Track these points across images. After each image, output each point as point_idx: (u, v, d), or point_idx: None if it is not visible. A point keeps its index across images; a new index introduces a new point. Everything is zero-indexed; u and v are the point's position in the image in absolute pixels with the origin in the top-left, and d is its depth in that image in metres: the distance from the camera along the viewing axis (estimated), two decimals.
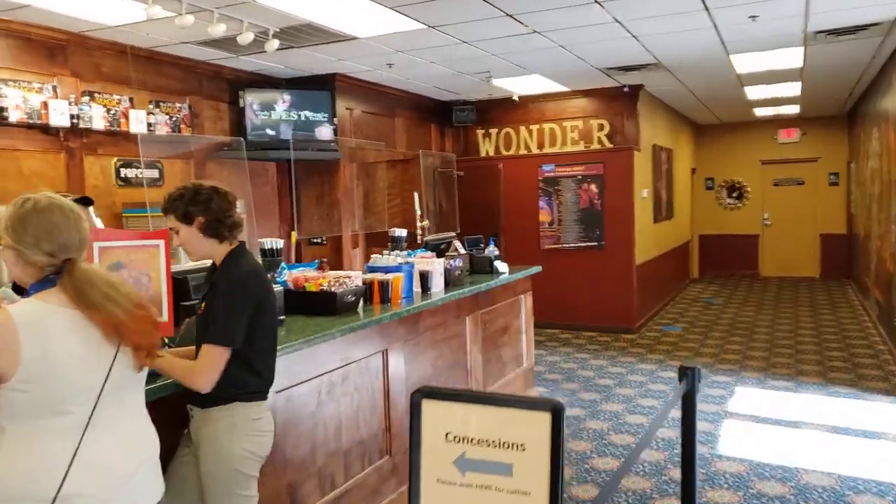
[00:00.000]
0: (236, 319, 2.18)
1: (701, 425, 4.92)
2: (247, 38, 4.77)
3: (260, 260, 3.78)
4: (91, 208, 3.51)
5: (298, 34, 5.30)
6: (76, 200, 3.23)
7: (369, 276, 3.85)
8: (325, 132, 6.92)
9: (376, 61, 6.47)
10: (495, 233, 8.67)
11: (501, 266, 5.23)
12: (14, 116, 4.58)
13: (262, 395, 2.32)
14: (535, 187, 8.70)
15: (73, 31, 5.01)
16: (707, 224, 13.47)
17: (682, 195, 11.74)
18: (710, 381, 6.05)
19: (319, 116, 6.89)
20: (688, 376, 2.77)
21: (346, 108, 7.23)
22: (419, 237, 6.71)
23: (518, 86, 7.93)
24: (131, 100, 5.50)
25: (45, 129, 4.86)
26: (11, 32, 4.69)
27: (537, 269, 5.63)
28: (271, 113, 6.67)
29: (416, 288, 4.23)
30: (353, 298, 3.57)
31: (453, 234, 5.54)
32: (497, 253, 5.36)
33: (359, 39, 5.57)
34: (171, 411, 2.32)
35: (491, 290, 4.88)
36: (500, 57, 6.44)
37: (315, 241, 7.18)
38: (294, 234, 7.14)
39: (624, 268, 8.33)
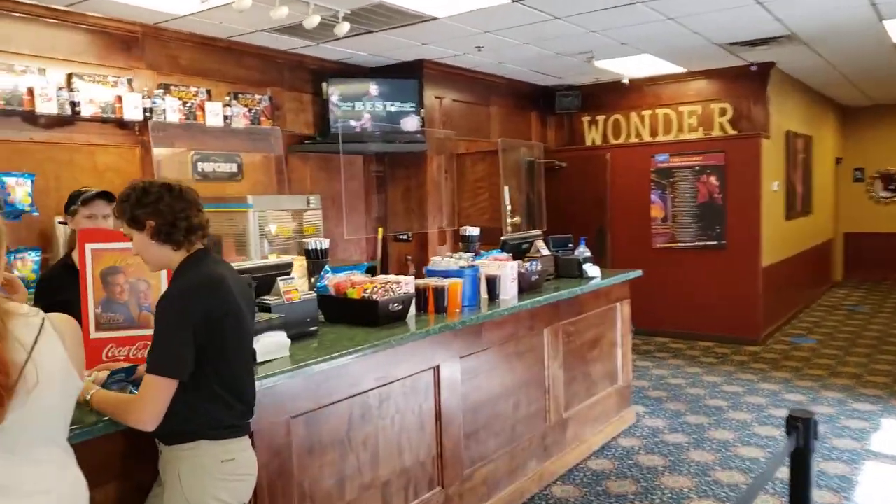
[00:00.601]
0: (175, 343, 1.81)
1: (834, 466, 4.07)
2: (312, 21, 4.45)
3: (304, 261, 3.44)
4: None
5: (372, 16, 4.92)
6: (97, 195, 3.02)
7: (422, 281, 3.40)
8: (411, 123, 6.54)
9: (464, 45, 5.99)
10: (600, 229, 7.96)
11: (592, 270, 4.60)
12: (88, 111, 4.53)
13: (234, 430, 1.93)
14: (646, 179, 7.89)
15: (149, 24, 4.92)
16: (854, 221, 11.86)
17: (823, 188, 10.36)
18: (848, 410, 5.09)
19: (406, 106, 6.52)
20: (799, 430, 2.10)
21: (435, 97, 6.82)
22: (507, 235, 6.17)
23: (626, 67, 7.16)
24: (209, 92, 5.37)
25: (120, 124, 4.80)
26: (88, 27, 4.66)
27: (637, 273, 4.93)
28: (356, 104, 6.38)
29: (484, 295, 3.73)
30: (400, 307, 3.13)
31: (538, 232, 4.96)
32: (588, 255, 4.73)
33: (438, 20, 5.11)
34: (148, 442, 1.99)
35: (577, 298, 4.28)
36: (601, 34, 5.75)
37: (401, 237, 6.84)
38: (381, 231, 6.84)
39: (748, 270, 7.35)
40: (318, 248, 3.36)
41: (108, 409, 1.81)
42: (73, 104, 4.41)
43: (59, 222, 3.27)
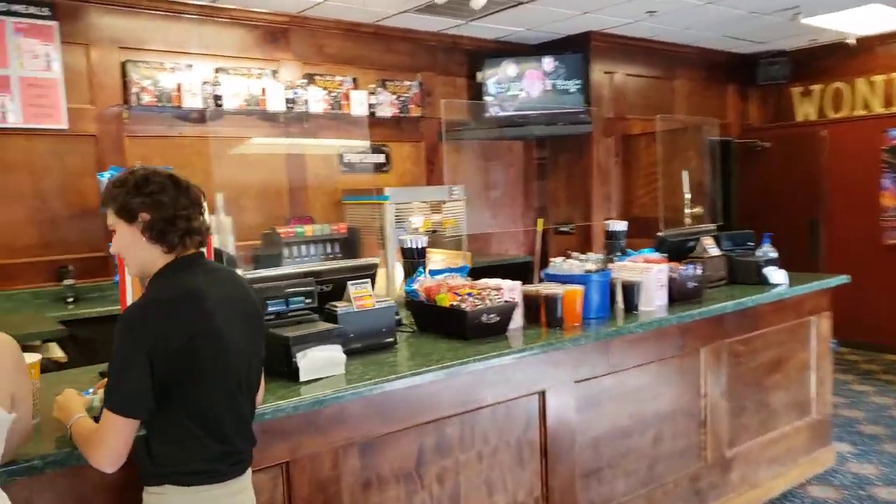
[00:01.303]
0: (128, 374, 1.50)
1: None
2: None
3: (401, 265, 3.08)
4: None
5: None
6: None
7: (532, 288, 2.86)
8: (576, 102, 5.90)
9: (632, 10, 5.23)
10: (812, 223, 6.65)
11: (775, 275, 3.69)
12: (233, 104, 4.59)
13: (210, 475, 1.59)
14: (875, 160, 6.43)
15: (293, 13, 4.88)
16: None
17: None
18: None
19: (570, 85, 5.90)
20: None
21: (605, 73, 6.09)
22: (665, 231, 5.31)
23: (846, 22, 5.82)
24: (355, 80, 5.23)
25: (264, 116, 4.83)
26: (235, 20, 4.72)
27: (840, 279, 3.88)
28: (513, 85, 5.89)
29: (621, 304, 3.09)
30: (497, 319, 2.64)
31: (710, 227, 4.12)
32: (772, 255, 3.81)
33: None
34: None
35: (751, 310, 3.44)
36: None
37: (563, 229, 6.24)
38: (540, 222, 6.30)
39: None
40: (415, 246, 2.97)
41: (79, 442, 1.57)
42: (217, 98, 4.48)
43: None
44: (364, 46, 5.33)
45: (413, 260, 2.94)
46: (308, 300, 2.35)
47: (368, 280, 2.54)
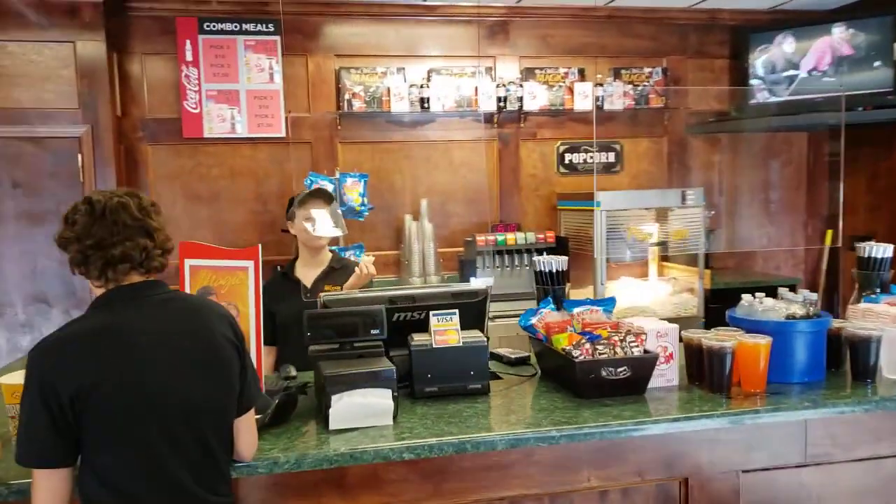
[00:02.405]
0: (27, 419, 1.33)
1: None
2: None
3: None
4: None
5: None
6: (312, 194, 2.76)
7: (693, 335, 2.07)
8: (882, 81, 4.49)
9: None
10: None
11: None
12: (442, 105, 4.41)
13: None
14: None
15: (513, 4, 4.51)
16: None
17: None
18: None
19: (873, 59, 4.50)
20: None
21: None
22: None
23: None
24: (581, 72, 4.67)
25: (477, 116, 4.56)
26: (449, 18, 4.52)
27: None
28: (788, 63, 4.70)
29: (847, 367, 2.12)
30: (625, 374, 1.96)
31: None
32: None
33: None
34: None
35: None
36: None
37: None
38: (829, 235, 4.97)
39: None
40: (550, 269, 2.38)
41: None
42: (423, 101, 4.34)
43: (282, 231, 3.15)
44: (595, 33, 4.72)
45: (545, 287, 2.37)
46: (375, 331, 1.99)
47: (456, 311, 2.07)
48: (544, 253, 4.27)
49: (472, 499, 1.80)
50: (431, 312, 2.06)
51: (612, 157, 4.83)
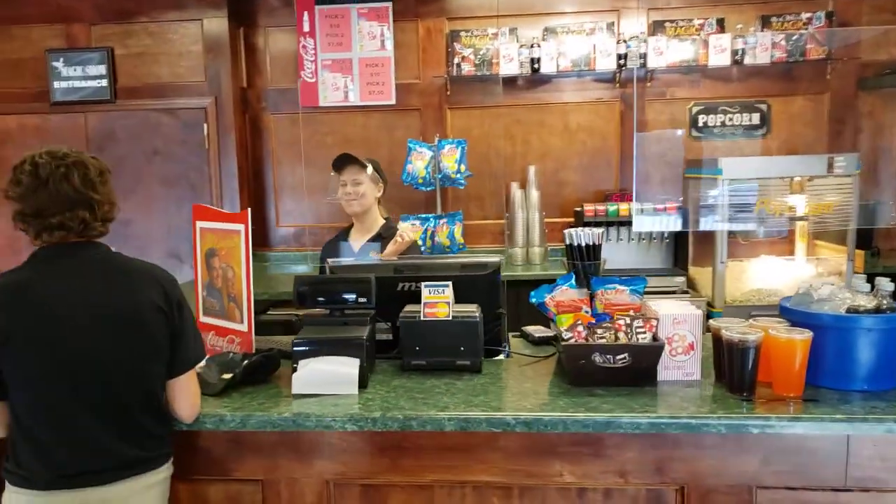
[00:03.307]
0: None
1: None
2: None
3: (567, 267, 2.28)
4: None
5: None
6: (343, 158, 2.72)
7: (717, 324, 1.72)
8: None
9: None
10: None
11: None
12: (554, 66, 4.12)
13: (14, 477, 1.44)
14: None
15: None
16: None
17: None
18: None
19: None
20: None
21: None
22: None
23: None
24: (720, 22, 4.11)
25: (596, 76, 4.22)
26: None
27: None
28: None
29: None
30: (627, 361, 1.70)
31: None
32: None
33: None
34: None
35: None
36: None
37: None
38: None
39: None
40: (584, 243, 2.11)
41: None
42: (533, 61, 4.10)
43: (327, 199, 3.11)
44: None
45: (574, 262, 2.12)
46: (363, 300, 1.92)
47: (448, 284, 1.93)
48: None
49: (430, 478, 1.69)
50: (423, 284, 1.94)
51: (756, 118, 4.21)
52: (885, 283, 1.70)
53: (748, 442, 1.57)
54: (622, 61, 4.07)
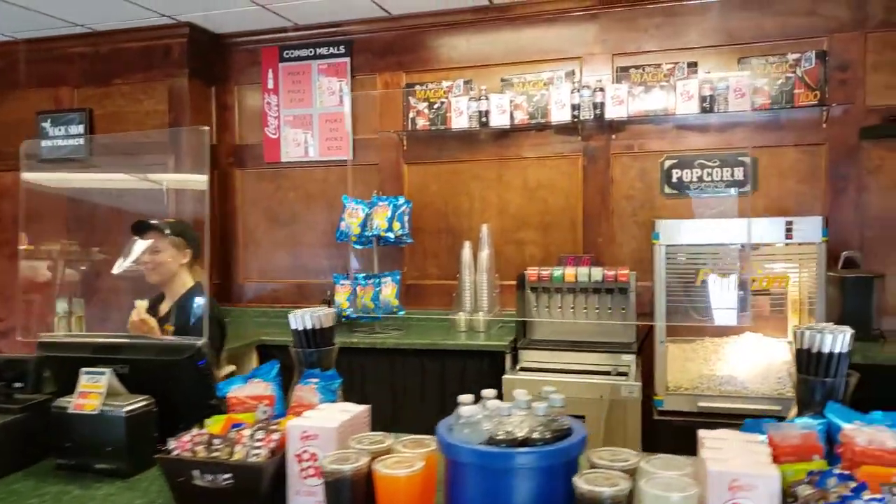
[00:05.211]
0: None
1: None
2: None
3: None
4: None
5: None
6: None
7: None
8: None
9: None
10: None
11: None
12: (509, 118, 3.86)
13: None
14: None
15: None
16: None
17: None
18: None
19: None
20: None
21: None
22: None
23: None
24: (692, 65, 3.66)
25: (558, 129, 3.89)
26: (517, 20, 3.95)
27: None
28: None
29: None
30: (226, 483, 1.41)
31: None
32: None
33: None
34: None
35: None
36: None
37: None
38: None
39: None
40: (301, 327, 1.83)
41: None
42: (482, 114, 3.85)
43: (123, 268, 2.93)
44: (718, 15, 3.66)
45: (301, 350, 1.84)
46: (18, 384, 1.79)
47: (106, 373, 1.73)
48: (606, 297, 3.49)
49: None
50: (82, 370, 1.75)
51: (739, 173, 3.67)
52: (554, 396, 1.30)
53: None
54: (576, 112, 3.72)
